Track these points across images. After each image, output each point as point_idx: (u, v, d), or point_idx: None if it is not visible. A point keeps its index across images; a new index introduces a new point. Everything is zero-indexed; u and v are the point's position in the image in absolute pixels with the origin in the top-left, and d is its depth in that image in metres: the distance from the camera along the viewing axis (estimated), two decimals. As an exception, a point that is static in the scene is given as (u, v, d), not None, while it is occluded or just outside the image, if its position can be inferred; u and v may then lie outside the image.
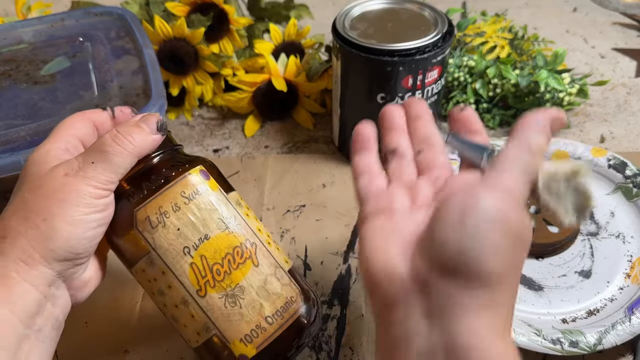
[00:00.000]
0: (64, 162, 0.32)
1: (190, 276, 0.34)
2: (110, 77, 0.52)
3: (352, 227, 0.53)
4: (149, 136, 0.34)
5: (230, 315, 0.34)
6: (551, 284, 0.47)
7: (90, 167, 0.32)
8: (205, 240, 0.34)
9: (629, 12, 0.83)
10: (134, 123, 0.34)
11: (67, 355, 0.44)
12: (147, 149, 0.34)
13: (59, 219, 0.31)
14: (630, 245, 0.49)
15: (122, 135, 0.33)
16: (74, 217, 0.31)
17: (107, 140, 0.33)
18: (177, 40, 0.60)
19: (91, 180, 0.32)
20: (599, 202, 0.53)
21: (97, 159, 0.32)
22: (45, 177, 0.32)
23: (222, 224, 0.35)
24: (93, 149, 0.33)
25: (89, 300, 0.47)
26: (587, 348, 0.40)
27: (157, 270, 0.34)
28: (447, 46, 0.51)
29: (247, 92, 0.62)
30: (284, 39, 0.64)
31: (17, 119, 0.47)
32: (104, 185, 0.32)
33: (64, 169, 0.32)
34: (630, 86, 0.69)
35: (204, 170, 0.36)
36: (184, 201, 0.34)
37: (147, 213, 0.34)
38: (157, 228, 0.34)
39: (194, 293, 0.34)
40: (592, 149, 0.56)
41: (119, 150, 0.32)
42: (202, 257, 0.34)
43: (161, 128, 0.35)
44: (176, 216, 0.34)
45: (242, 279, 0.34)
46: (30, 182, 0.32)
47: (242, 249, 0.35)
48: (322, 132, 0.64)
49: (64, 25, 0.59)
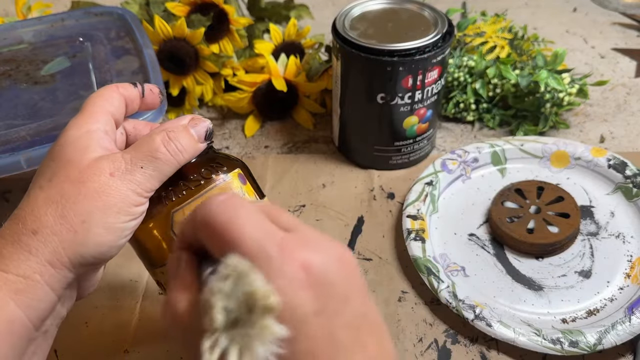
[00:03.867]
0: (109, 157, 0.30)
1: None
2: (110, 77, 0.52)
3: (352, 227, 0.53)
4: (197, 145, 0.32)
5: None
6: (551, 284, 0.47)
7: (139, 172, 0.30)
8: None
9: (629, 12, 0.83)
10: (184, 128, 0.32)
11: (67, 355, 0.44)
12: (192, 156, 0.33)
13: (97, 224, 0.29)
14: (630, 245, 0.49)
15: (172, 142, 0.31)
16: (113, 225, 0.29)
17: (159, 146, 0.31)
18: (177, 40, 0.60)
19: (137, 186, 0.30)
20: (599, 202, 0.53)
21: (147, 164, 0.30)
22: (89, 171, 0.29)
23: None
24: (143, 151, 0.31)
25: (89, 300, 0.47)
26: (587, 348, 0.40)
27: None
28: (447, 46, 0.51)
29: (247, 92, 0.62)
30: (284, 39, 0.64)
31: (17, 119, 0.47)
32: (147, 193, 0.31)
33: (109, 167, 0.30)
34: (630, 86, 0.69)
35: (242, 174, 0.35)
36: None
37: (185, 215, 0.32)
38: None
39: None
40: (592, 149, 0.56)
41: (169, 159, 0.31)
42: None
43: (209, 137, 0.33)
44: None
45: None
46: (71, 170, 0.30)
47: None
48: (322, 132, 0.64)
49: (64, 25, 0.59)
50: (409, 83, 0.51)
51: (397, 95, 0.52)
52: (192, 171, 0.34)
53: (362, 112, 0.55)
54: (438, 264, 0.47)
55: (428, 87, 0.52)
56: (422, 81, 0.52)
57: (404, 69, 0.50)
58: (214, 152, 0.36)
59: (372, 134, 0.56)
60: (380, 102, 0.53)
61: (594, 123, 0.64)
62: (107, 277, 0.49)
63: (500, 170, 0.57)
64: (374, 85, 0.52)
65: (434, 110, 0.55)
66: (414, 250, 0.48)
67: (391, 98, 0.52)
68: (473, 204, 0.54)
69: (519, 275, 0.48)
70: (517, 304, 0.45)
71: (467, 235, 0.51)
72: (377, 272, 0.49)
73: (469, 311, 0.43)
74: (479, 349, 0.43)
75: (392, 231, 0.52)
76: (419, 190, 0.53)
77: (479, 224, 0.52)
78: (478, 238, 0.51)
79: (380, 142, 0.56)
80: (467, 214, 0.53)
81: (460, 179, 0.56)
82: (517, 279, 0.47)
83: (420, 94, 0.53)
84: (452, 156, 0.56)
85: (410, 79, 0.51)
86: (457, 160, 0.56)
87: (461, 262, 0.49)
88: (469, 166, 0.56)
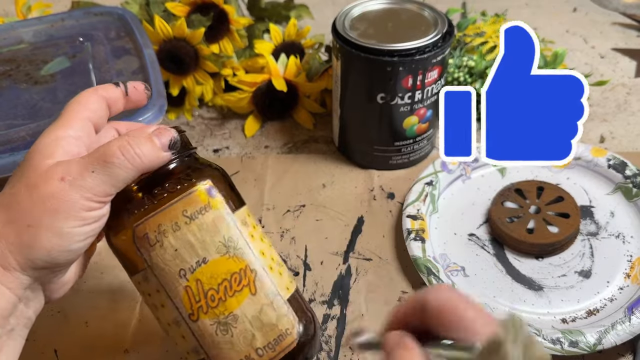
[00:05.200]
0: (64, 163, 0.30)
1: (183, 299, 0.32)
2: (110, 77, 0.52)
3: (352, 227, 0.53)
4: (159, 153, 0.32)
5: (220, 343, 0.33)
6: (551, 284, 0.47)
7: (90, 177, 0.30)
8: (202, 264, 0.32)
9: (629, 12, 0.83)
10: (147, 135, 0.32)
11: (67, 355, 0.44)
12: (154, 165, 0.32)
13: (45, 229, 0.29)
14: (630, 245, 0.49)
15: (131, 147, 0.31)
16: (62, 230, 0.29)
17: (114, 151, 0.30)
18: (177, 40, 0.60)
19: (87, 192, 0.30)
20: (598, 202, 0.53)
21: (99, 169, 0.30)
22: (43, 176, 0.30)
23: (222, 248, 0.33)
24: (97, 156, 0.30)
25: (89, 300, 0.47)
26: (587, 348, 0.40)
27: (152, 286, 0.33)
28: (447, 46, 0.51)
29: (247, 92, 0.62)
30: (284, 39, 0.64)
31: (17, 119, 0.47)
32: (99, 198, 0.30)
33: (61, 172, 0.30)
34: (630, 86, 0.69)
35: (210, 186, 0.34)
36: (185, 221, 0.32)
37: (146, 230, 0.32)
38: (155, 247, 0.32)
39: (186, 316, 0.33)
40: (592, 149, 0.56)
41: (124, 163, 0.30)
42: (198, 281, 0.32)
43: (173, 146, 0.33)
44: (175, 236, 0.32)
45: (236, 307, 0.33)
46: (30, 176, 0.30)
47: (241, 276, 0.33)
48: (322, 132, 0.64)
49: (64, 25, 0.59)
50: (409, 83, 0.51)
51: (397, 95, 0.52)
52: (158, 184, 0.33)
53: (362, 112, 0.55)
54: (438, 264, 0.47)
55: (428, 87, 0.52)
56: (422, 81, 0.52)
57: (404, 69, 0.50)
58: (195, 159, 0.36)
59: (372, 134, 0.56)
60: (380, 102, 0.53)
61: (594, 123, 0.64)
62: (107, 277, 0.49)
63: (500, 170, 0.57)
64: (374, 85, 0.52)
65: (434, 110, 0.55)
66: (414, 250, 0.48)
67: (391, 98, 0.52)
68: (473, 204, 0.54)
69: (519, 275, 0.48)
70: (517, 304, 0.45)
71: (467, 235, 0.51)
72: (377, 272, 0.49)
73: (469, 311, 0.43)
74: (479, 349, 0.43)
75: (392, 231, 0.52)
76: (419, 190, 0.53)
77: (479, 224, 0.52)
78: (478, 238, 0.51)
79: (380, 142, 0.56)
80: (467, 214, 0.53)
81: (460, 179, 0.56)
82: (517, 279, 0.47)
83: (420, 94, 0.53)
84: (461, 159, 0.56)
85: (410, 79, 0.51)
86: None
87: (461, 262, 0.49)
88: (469, 166, 0.56)
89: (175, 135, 0.33)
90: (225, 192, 0.35)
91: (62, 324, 0.46)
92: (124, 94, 0.35)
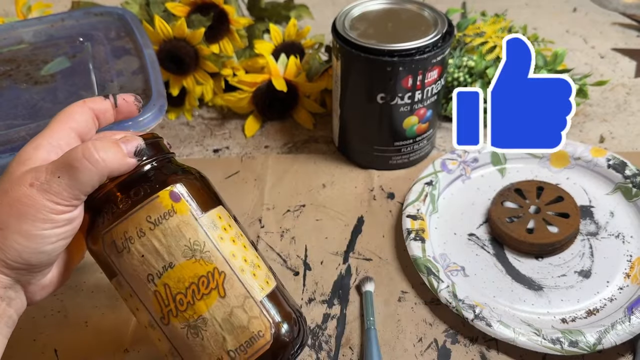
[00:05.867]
0: (34, 169, 0.31)
1: (154, 304, 0.33)
2: (110, 77, 0.52)
3: (352, 227, 0.53)
4: (124, 159, 0.32)
5: (192, 345, 0.33)
6: (551, 283, 0.47)
7: (55, 182, 0.30)
8: (169, 269, 0.33)
9: (628, 12, 0.83)
10: (113, 141, 0.32)
11: (67, 355, 0.44)
12: (119, 170, 0.32)
13: (13, 231, 0.30)
14: (630, 245, 0.49)
15: (95, 152, 0.31)
16: (29, 232, 0.30)
17: (78, 155, 0.31)
18: (177, 40, 0.60)
19: (53, 195, 0.30)
20: (598, 202, 0.53)
21: (64, 173, 0.31)
22: (15, 182, 0.31)
23: (188, 252, 0.33)
24: (62, 161, 0.31)
25: (89, 300, 0.47)
26: (586, 348, 0.40)
27: (125, 291, 0.34)
28: (447, 46, 0.51)
29: (247, 92, 0.62)
30: (284, 39, 0.64)
31: (17, 119, 0.47)
32: (66, 201, 0.31)
33: (30, 178, 0.31)
34: (630, 86, 0.69)
35: (174, 191, 0.34)
36: (150, 227, 0.33)
37: (113, 237, 0.33)
38: (123, 253, 0.33)
39: (158, 320, 0.33)
40: (592, 149, 0.56)
41: (88, 167, 0.31)
42: (166, 285, 0.33)
43: (139, 154, 0.33)
44: (141, 242, 0.33)
45: (205, 310, 0.33)
46: (5, 182, 0.31)
47: (209, 279, 0.33)
48: (322, 132, 0.64)
49: (64, 25, 0.59)
50: (409, 83, 0.51)
51: (397, 95, 0.52)
52: (126, 191, 0.33)
53: (362, 112, 0.55)
54: (438, 263, 0.47)
55: (428, 87, 0.52)
56: (422, 81, 0.52)
57: (404, 69, 0.50)
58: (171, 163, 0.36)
59: (372, 134, 0.56)
60: (380, 102, 0.53)
61: (593, 123, 0.64)
62: (107, 277, 0.49)
63: (500, 170, 0.57)
64: (374, 85, 0.52)
65: (433, 110, 0.55)
66: (413, 250, 0.48)
67: (391, 98, 0.52)
68: (473, 204, 0.54)
69: (518, 275, 0.48)
70: (517, 304, 0.46)
71: (467, 235, 0.51)
72: (377, 272, 0.49)
73: (468, 311, 0.43)
74: (478, 348, 0.43)
75: (392, 231, 0.53)
76: (419, 190, 0.53)
77: (479, 224, 0.52)
78: (478, 238, 0.51)
79: (380, 142, 0.56)
80: (467, 214, 0.53)
81: (460, 179, 0.56)
82: (517, 279, 0.47)
83: (420, 94, 0.53)
84: (452, 156, 0.56)
85: (410, 79, 0.51)
86: (457, 160, 0.56)
87: (461, 262, 0.49)
88: (469, 166, 0.56)
89: (141, 143, 0.33)
90: (194, 195, 0.35)
91: (62, 324, 0.46)
92: (113, 106, 0.35)
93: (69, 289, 0.48)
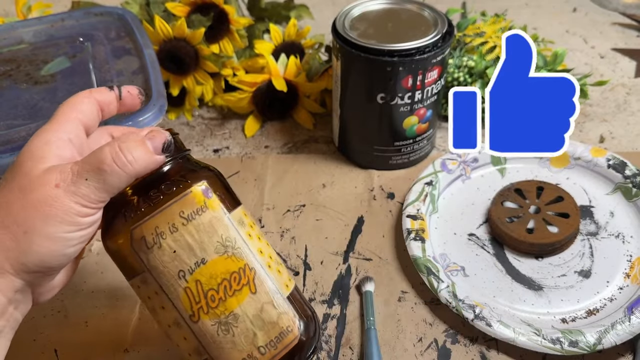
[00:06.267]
0: (58, 168, 0.30)
1: (183, 301, 0.32)
2: (110, 77, 0.52)
3: (352, 227, 0.53)
4: (152, 157, 0.32)
5: (222, 342, 0.33)
6: (551, 283, 0.47)
7: (83, 184, 0.30)
8: (201, 265, 0.32)
9: (628, 12, 0.83)
10: (140, 139, 0.31)
11: (67, 355, 0.44)
12: (148, 170, 0.32)
13: (39, 234, 0.29)
14: (629, 245, 0.49)
15: (123, 154, 0.30)
16: (56, 235, 0.30)
17: (107, 158, 0.30)
18: (177, 40, 0.60)
19: (81, 198, 0.30)
20: (598, 202, 0.53)
21: (92, 176, 0.30)
22: (37, 181, 0.30)
23: (220, 248, 0.33)
24: (90, 163, 0.30)
25: (89, 300, 0.47)
26: (586, 348, 0.40)
27: (151, 289, 0.33)
28: (447, 46, 0.51)
29: (247, 92, 0.62)
30: (284, 39, 0.64)
31: (17, 119, 0.47)
32: (93, 204, 0.30)
33: (56, 178, 0.30)
34: (630, 86, 0.69)
35: (206, 187, 0.34)
36: (182, 222, 0.32)
37: (143, 233, 0.32)
38: (153, 249, 0.32)
39: (187, 318, 0.33)
40: (592, 149, 0.56)
41: (117, 171, 0.30)
42: (197, 282, 0.32)
43: (167, 149, 0.32)
44: (173, 238, 0.32)
45: (237, 306, 0.33)
46: (22, 180, 0.30)
47: (240, 275, 0.33)
48: (322, 132, 0.64)
49: (64, 25, 0.59)
50: (409, 83, 0.51)
51: (397, 95, 0.52)
52: (154, 186, 0.33)
53: (362, 112, 0.55)
54: (438, 263, 0.47)
55: (428, 87, 0.52)
56: (422, 81, 0.52)
57: (404, 69, 0.50)
58: (189, 161, 0.36)
59: (372, 134, 0.56)
60: (380, 102, 0.53)
61: (593, 123, 0.64)
62: (107, 277, 0.49)
63: (500, 170, 0.57)
64: (374, 85, 0.52)
65: (433, 110, 0.55)
66: (413, 250, 0.48)
67: (391, 98, 0.52)
68: (473, 204, 0.54)
69: (518, 275, 0.48)
70: (517, 304, 0.46)
71: (467, 235, 0.51)
72: (377, 272, 0.49)
73: (468, 311, 0.43)
74: (478, 348, 0.43)
75: (392, 231, 0.53)
76: (419, 190, 0.53)
77: (479, 224, 0.52)
78: (478, 238, 0.51)
79: (380, 142, 0.56)
80: (467, 214, 0.53)
81: (460, 179, 0.56)
82: (517, 278, 0.47)
83: (420, 94, 0.53)
84: (451, 156, 0.56)
85: (410, 79, 0.51)
86: (457, 160, 0.56)
87: (461, 262, 0.49)
88: (469, 166, 0.56)
89: (169, 137, 0.33)
90: (221, 192, 0.35)
91: (62, 324, 0.46)
92: (118, 98, 0.35)
93: (69, 289, 0.48)
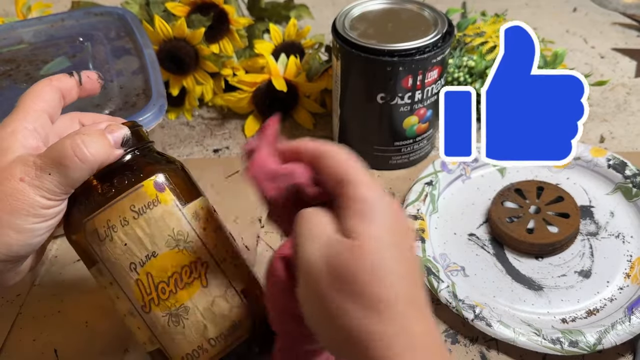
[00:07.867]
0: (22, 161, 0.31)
1: (135, 292, 0.33)
2: (110, 77, 0.52)
3: (352, 227, 0.53)
4: (111, 150, 0.33)
5: (172, 333, 0.33)
6: (551, 283, 0.47)
7: (47, 179, 0.31)
8: (152, 258, 0.33)
9: (629, 12, 0.83)
10: (100, 132, 0.32)
11: (67, 355, 0.44)
12: (107, 162, 0.33)
13: (7, 226, 0.30)
14: (630, 245, 0.49)
15: (84, 147, 0.31)
16: (22, 226, 0.31)
17: (67, 152, 0.31)
18: (177, 40, 0.60)
19: (46, 192, 0.31)
20: (598, 202, 0.53)
21: (54, 170, 0.31)
22: (2, 174, 0.31)
23: (172, 242, 0.33)
24: (52, 157, 0.31)
25: (89, 300, 0.47)
26: (587, 348, 0.40)
27: (106, 280, 0.34)
28: (447, 46, 0.51)
29: (247, 92, 0.62)
30: (284, 39, 0.64)
31: (17, 119, 0.47)
32: (57, 197, 0.31)
33: (20, 172, 0.31)
34: (630, 86, 0.69)
35: (158, 181, 0.34)
36: (133, 215, 0.33)
37: (95, 225, 0.33)
38: (105, 241, 0.33)
39: (139, 308, 0.34)
40: (592, 149, 0.56)
41: (78, 165, 0.31)
42: (148, 274, 0.33)
43: (126, 144, 0.33)
44: (124, 231, 0.33)
45: (187, 299, 0.33)
46: None
47: (192, 269, 0.33)
48: (322, 132, 0.64)
49: (64, 25, 0.59)
50: (409, 83, 0.51)
51: (397, 95, 0.52)
52: (109, 179, 0.33)
53: (362, 112, 0.55)
54: (438, 263, 0.47)
55: (428, 87, 0.52)
56: (422, 81, 0.52)
57: (404, 69, 0.50)
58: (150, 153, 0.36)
59: (372, 134, 0.56)
60: (380, 102, 0.53)
61: (593, 123, 0.64)
62: (107, 277, 0.49)
63: (500, 170, 0.57)
64: (374, 85, 0.52)
65: (434, 110, 0.55)
66: (413, 250, 0.48)
67: (391, 98, 0.52)
68: (473, 203, 0.54)
69: (518, 275, 0.48)
70: (517, 304, 0.46)
71: (467, 235, 0.51)
72: (377, 272, 0.49)
73: (468, 311, 0.43)
74: (478, 348, 0.43)
75: (392, 231, 0.52)
76: (419, 190, 0.53)
77: (479, 223, 0.52)
78: (478, 238, 0.51)
79: (380, 142, 0.56)
80: (467, 213, 0.53)
81: (460, 179, 0.56)
82: (517, 278, 0.47)
83: (420, 94, 0.53)
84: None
85: (410, 79, 0.51)
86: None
87: (461, 262, 0.49)
88: (469, 166, 0.56)
89: (128, 132, 0.34)
90: (178, 185, 0.35)
91: (62, 324, 0.46)
92: (78, 84, 0.35)
93: (69, 289, 0.48)
